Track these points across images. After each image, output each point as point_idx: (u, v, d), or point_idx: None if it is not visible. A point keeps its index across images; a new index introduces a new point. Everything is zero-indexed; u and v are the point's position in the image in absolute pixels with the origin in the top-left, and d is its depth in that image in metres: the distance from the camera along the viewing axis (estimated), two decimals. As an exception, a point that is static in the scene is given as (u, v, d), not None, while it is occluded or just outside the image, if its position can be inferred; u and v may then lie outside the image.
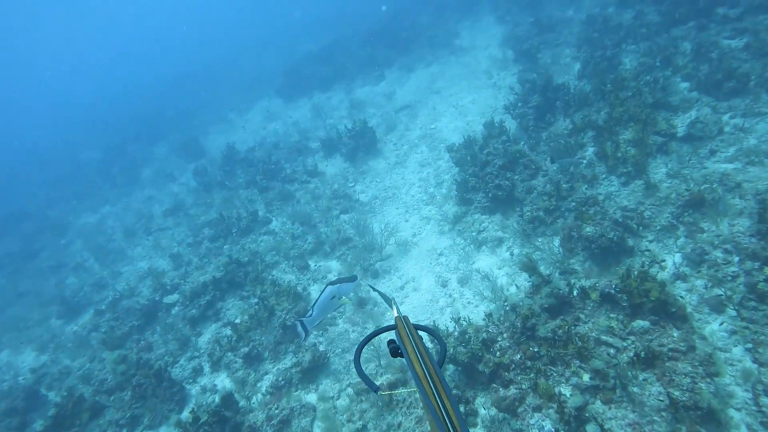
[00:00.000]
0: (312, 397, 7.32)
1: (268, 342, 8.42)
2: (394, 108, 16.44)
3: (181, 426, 7.06)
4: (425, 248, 9.57)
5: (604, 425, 4.74)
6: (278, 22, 36.60)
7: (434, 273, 8.83)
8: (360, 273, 9.39)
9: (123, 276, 13.41)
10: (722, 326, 5.27)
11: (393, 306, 2.86)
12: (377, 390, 2.16)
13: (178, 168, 20.14)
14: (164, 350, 9.48)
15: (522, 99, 11.41)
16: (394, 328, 2.48)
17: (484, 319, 6.50)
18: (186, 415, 7.71)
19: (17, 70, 61.84)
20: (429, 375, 1.88)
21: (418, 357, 2.04)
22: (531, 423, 5.15)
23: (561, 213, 8.12)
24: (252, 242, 11.77)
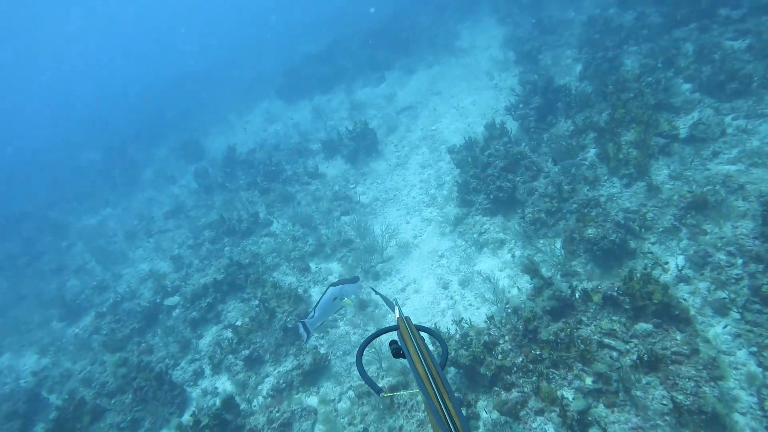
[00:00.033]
0: (313, 400, 7.30)
1: (269, 344, 8.40)
2: (395, 109, 16.42)
3: (182, 429, 7.05)
4: (426, 250, 9.54)
5: (608, 429, 4.72)
6: (278, 23, 36.60)
7: (435, 275, 8.81)
8: (361, 275, 9.37)
9: (124, 278, 13.40)
10: (726, 329, 5.24)
11: (395, 307, 2.85)
12: (379, 392, 2.15)
13: (179, 169, 20.15)
14: (165, 353, 9.47)
15: (523, 100, 11.38)
16: (396, 329, 2.49)
17: (486, 322, 6.47)
18: (187, 419, 7.69)
19: (17, 71, 61.91)
20: (431, 376, 1.88)
21: (421, 358, 2.04)
22: (533, 427, 5.12)
23: (563, 215, 8.09)
24: (253, 244, 11.76)
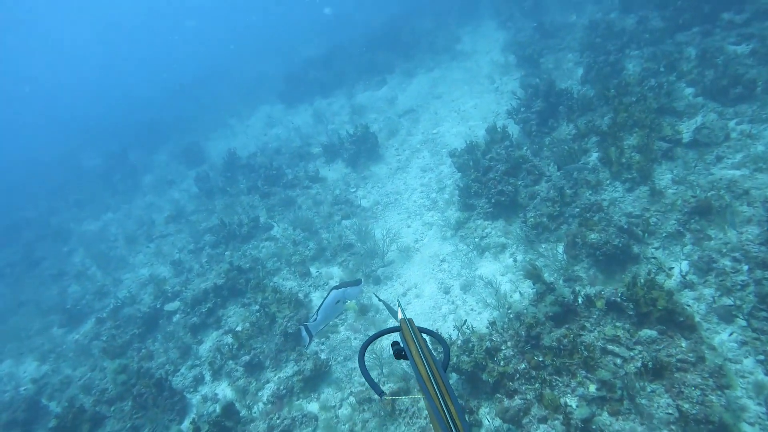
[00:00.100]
0: (314, 407, 7.24)
1: (270, 350, 8.34)
2: (396, 113, 16.40)
3: (182, 437, 7.00)
4: (427, 254, 9.48)
5: (612, 438, 4.65)
6: (279, 28, 36.67)
7: (437, 279, 8.75)
8: (362, 279, 9.31)
9: (124, 283, 13.35)
10: (732, 336, 5.17)
11: (398, 308, 2.85)
12: (381, 394, 2.12)
13: (180, 174, 20.13)
14: (165, 359, 9.40)
15: (525, 104, 11.34)
16: (399, 330, 2.49)
17: (488, 327, 6.41)
18: (187, 426, 7.65)
19: (17, 77, 62.13)
20: (433, 377, 1.88)
21: (423, 359, 2.04)
22: (537, 435, 5.05)
23: (565, 219, 8.03)
24: (253, 248, 11.72)
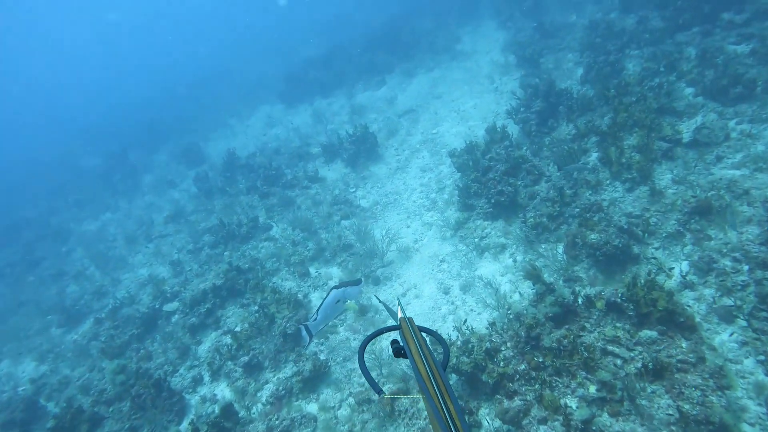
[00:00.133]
0: (313, 407, 7.22)
1: (269, 350, 8.32)
2: (396, 113, 16.38)
3: (180, 438, 6.97)
4: (427, 255, 9.46)
5: (612, 439, 4.63)
6: (279, 28, 36.65)
7: (436, 280, 8.73)
8: (362, 279, 9.30)
9: (123, 284, 13.32)
10: (732, 337, 5.15)
11: (397, 306, 2.85)
12: (380, 392, 2.11)
13: (179, 174, 20.09)
14: (164, 359, 9.38)
15: (524, 104, 11.33)
16: (399, 329, 2.49)
17: (488, 328, 6.39)
18: (185, 426, 7.62)
19: (16, 78, 62.15)
20: (432, 376, 1.88)
21: (422, 358, 2.04)
22: (537, 436, 5.03)
23: (565, 219, 8.01)
24: (252, 249, 11.69)
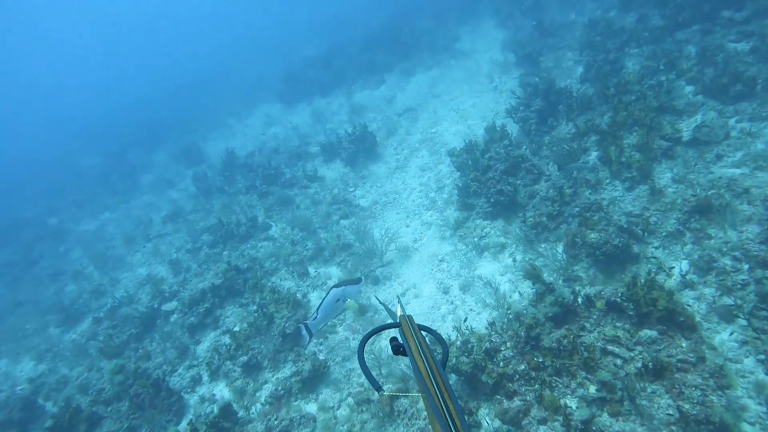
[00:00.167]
0: (312, 407, 7.20)
1: (268, 350, 8.30)
2: (395, 112, 16.35)
3: (179, 438, 6.95)
4: (426, 254, 9.44)
5: (612, 439, 4.61)
6: (278, 28, 36.60)
7: (436, 279, 8.70)
8: (362, 278, 9.28)
9: (122, 283, 13.29)
10: (732, 336, 5.13)
11: (397, 304, 2.86)
12: (379, 389, 2.11)
13: (178, 174, 20.05)
14: (162, 359, 9.35)
15: (524, 103, 11.30)
16: (399, 326, 2.50)
17: (487, 328, 6.37)
18: (184, 426, 7.60)
19: (16, 78, 62.03)
20: (432, 374, 1.89)
21: (422, 356, 2.05)
22: (536, 436, 5.01)
23: (564, 219, 7.99)
24: (251, 248, 11.66)
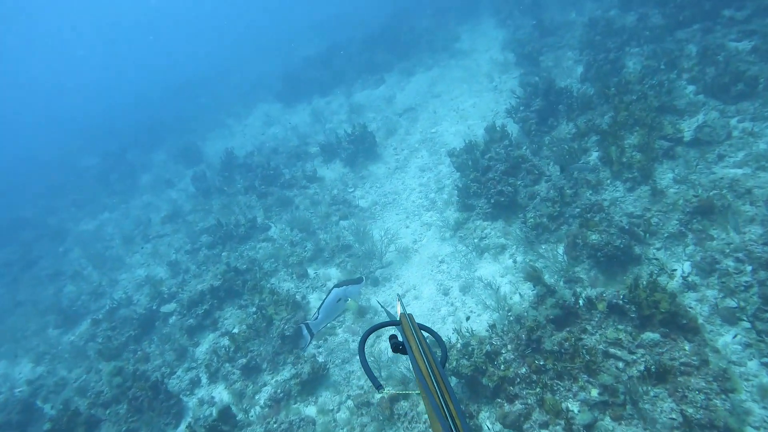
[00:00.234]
0: (311, 410, 7.15)
1: (267, 353, 8.25)
2: (395, 112, 16.29)
3: (177, 441, 6.90)
4: (426, 255, 9.38)
5: (615, 444, 4.56)
6: (278, 27, 36.57)
7: (435, 281, 8.65)
8: (363, 278, 9.22)
9: (121, 284, 13.24)
10: (736, 339, 5.08)
11: (397, 302, 2.85)
12: (379, 387, 2.11)
13: (177, 174, 20.00)
14: (161, 361, 9.30)
15: (524, 103, 11.25)
16: (399, 324, 2.50)
17: (488, 330, 6.32)
18: (183, 430, 7.55)
19: (16, 78, 61.96)
20: (432, 373, 1.89)
21: (422, 355, 2.05)
22: (538, 441, 4.96)
23: (565, 219, 7.94)
24: (250, 249, 11.61)
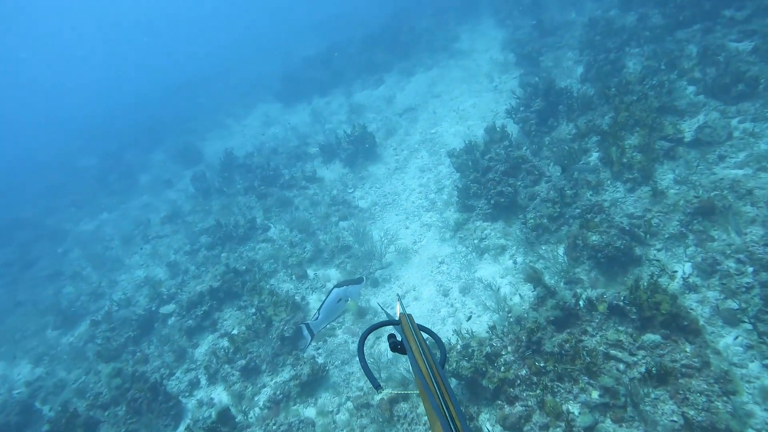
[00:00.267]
0: (311, 412, 7.12)
1: (266, 354, 8.22)
2: (394, 112, 16.26)
3: (176, 443, 6.88)
4: (426, 256, 9.36)
5: (616, 446, 4.54)
6: (277, 28, 36.55)
7: (435, 282, 8.62)
8: (363, 277, 9.20)
9: (120, 285, 13.20)
10: (737, 340, 5.05)
11: (396, 302, 2.85)
12: (378, 387, 2.11)
13: (176, 174, 19.96)
14: (160, 362, 9.27)
15: (524, 103, 11.22)
16: (398, 323, 2.50)
17: (488, 332, 6.29)
18: (182, 431, 7.52)
19: (16, 78, 61.92)
20: (432, 373, 1.90)
21: (422, 355, 2.05)
22: (538, 443, 4.94)
23: (565, 220, 7.92)
24: (250, 250, 11.58)
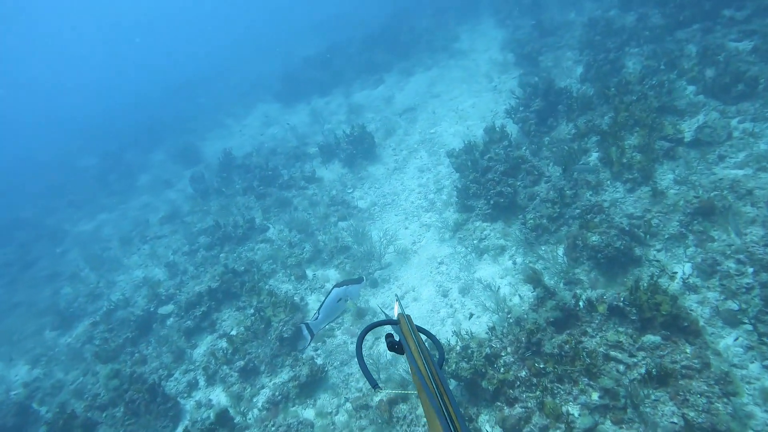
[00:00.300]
0: (310, 413, 7.09)
1: (265, 355, 8.19)
2: (394, 112, 16.24)
3: (174, 445, 6.84)
4: (425, 256, 9.33)
5: (616, 448, 4.51)
6: (277, 28, 36.53)
7: (435, 282, 8.60)
8: (363, 277, 9.17)
9: (118, 286, 13.15)
10: (737, 341, 5.03)
11: (395, 302, 2.85)
12: (376, 386, 2.11)
13: (175, 174, 19.93)
14: (158, 363, 9.23)
15: (523, 103, 11.20)
16: (397, 323, 2.51)
17: (487, 333, 6.27)
18: (180, 433, 7.50)
19: (16, 78, 61.85)
20: (431, 373, 1.90)
21: (421, 355, 2.05)
22: (538, 445, 4.91)
23: (565, 221, 7.89)
24: (249, 250, 11.55)
